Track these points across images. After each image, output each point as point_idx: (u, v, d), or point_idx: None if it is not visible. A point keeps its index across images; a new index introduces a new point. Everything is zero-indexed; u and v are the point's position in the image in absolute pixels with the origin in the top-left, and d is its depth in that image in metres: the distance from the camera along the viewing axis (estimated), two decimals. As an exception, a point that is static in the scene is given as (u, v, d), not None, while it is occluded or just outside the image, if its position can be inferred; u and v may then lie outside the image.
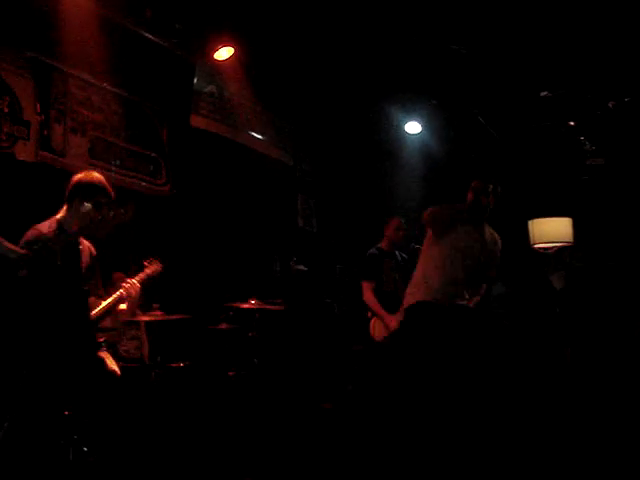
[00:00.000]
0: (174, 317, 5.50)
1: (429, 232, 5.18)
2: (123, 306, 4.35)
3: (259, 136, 8.06)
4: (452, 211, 5.08)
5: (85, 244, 4.24)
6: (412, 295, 5.12)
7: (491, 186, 4.99)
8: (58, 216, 4.03)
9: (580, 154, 7.55)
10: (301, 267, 7.58)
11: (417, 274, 5.23)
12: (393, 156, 8.46)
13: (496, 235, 5.26)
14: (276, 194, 8.13)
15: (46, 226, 3.99)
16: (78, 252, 4.15)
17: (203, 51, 6.85)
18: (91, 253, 4.28)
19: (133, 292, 4.29)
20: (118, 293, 4.26)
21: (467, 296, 5.00)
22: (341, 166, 8.56)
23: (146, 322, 5.56)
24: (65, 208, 4.07)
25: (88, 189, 4.07)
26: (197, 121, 7.40)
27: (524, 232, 6.99)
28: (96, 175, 4.16)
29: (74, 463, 3.60)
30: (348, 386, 6.35)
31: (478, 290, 5.17)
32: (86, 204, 3.99)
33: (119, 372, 4.08)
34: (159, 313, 5.40)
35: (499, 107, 7.72)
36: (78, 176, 4.14)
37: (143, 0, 6.19)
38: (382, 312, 6.66)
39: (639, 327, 5.80)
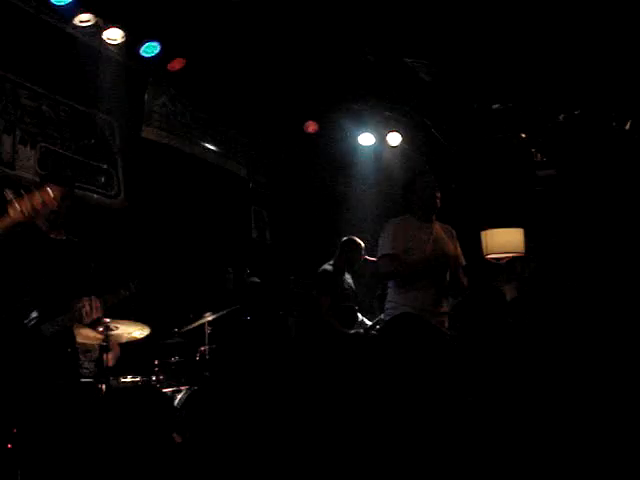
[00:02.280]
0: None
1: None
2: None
3: (213, 147, 8.00)
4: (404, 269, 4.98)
5: None
6: (393, 308, 5.06)
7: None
8: None
9: (531, 165, 7.64)
10: (255, 279, 7.54)
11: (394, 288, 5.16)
12: (347, 168, 8.47)
13: (444, 226, 5.21)
14: (230, 206, 8.07)
15: None
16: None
17: (156, 62, 6.79)
18: None
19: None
20: None
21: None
22: (295, 178, 8.54)
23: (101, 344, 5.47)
24: None
25: None
26: (149, 132, 7.33)
27: (477, 243, 7.05)
28: None
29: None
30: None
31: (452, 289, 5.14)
32: None
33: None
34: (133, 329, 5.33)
35: (452, 119, 7.77)
36: None
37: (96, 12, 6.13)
38: (339, 328, 6.68)
39: (589, 336, 5.87)
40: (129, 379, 5.67)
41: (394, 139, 7.95)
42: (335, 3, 6.21)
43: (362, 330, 6.80)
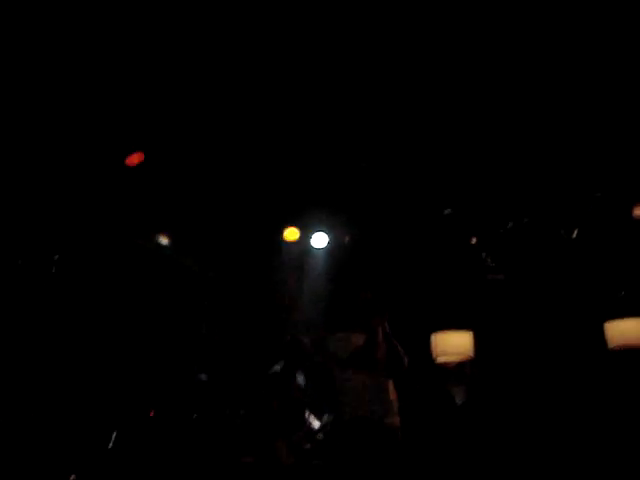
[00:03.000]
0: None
1: None
2: None
3: (165, 242, 7.98)
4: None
5: None
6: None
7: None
8: None
9: (481, 270, 7.75)
10: (202, 376, 7.43)
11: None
12: (298, 269, 8.48)
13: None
14: (180, 301, 8.02)
15: None
16: None
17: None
18: None
19: None
20: None
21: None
22: (246, 275, 8.53)
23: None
24: None
25: None
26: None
27: (427, 346, 7.06)
28: None
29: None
30: None
31: None
32: None
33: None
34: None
35: (404, 224, 7.88)
36: None
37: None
38: (286, 431, 6.58)
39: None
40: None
41: (321, 240, 8.08)
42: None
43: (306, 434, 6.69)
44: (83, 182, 6.95)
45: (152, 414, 6.27)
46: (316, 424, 6.82)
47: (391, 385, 5.25)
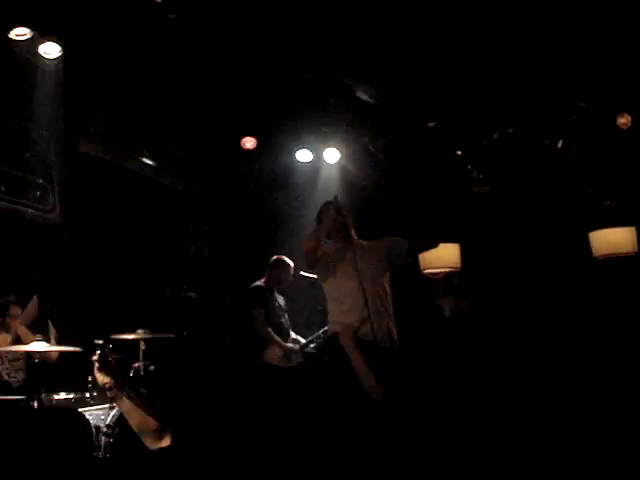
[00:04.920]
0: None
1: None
2: None
3: (150, 162, 7.93)
4: (316, 242, 5.15)
5: None
6: (332, 325, 5.20)
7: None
8: None
9: (467, 182, 7.77)
10: (191, 294, 7.49)
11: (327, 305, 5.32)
12: (285, 184, 8.47)
13: (372, 243, 5.36)
14: (167, 221, 8.01)
15: None
16: None
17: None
18: None
19: None
20: None
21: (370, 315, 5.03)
22: (233, 193, 8.52)
23: (29, 353, 5.36)
24: None
25: None
26: (86, 147, 7.24)
27: (414, 258, 7.12)
28: None
29: None
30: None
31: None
32: None
33: None
34: (43, 344, 5.23)
35: (389, 137, 7.86)
36: None
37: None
38: (275, 338, 6.69)
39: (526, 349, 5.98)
40: (62, 396, 5.58)
41: (332, 156, 8.01)
42: (275, 21, 6.25)
43: (297, 346, 6.82)
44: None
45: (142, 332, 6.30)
46: (301, 339, 6.96)
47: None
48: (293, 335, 7.00)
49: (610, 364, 6.15)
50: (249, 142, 7.81)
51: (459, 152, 7.74)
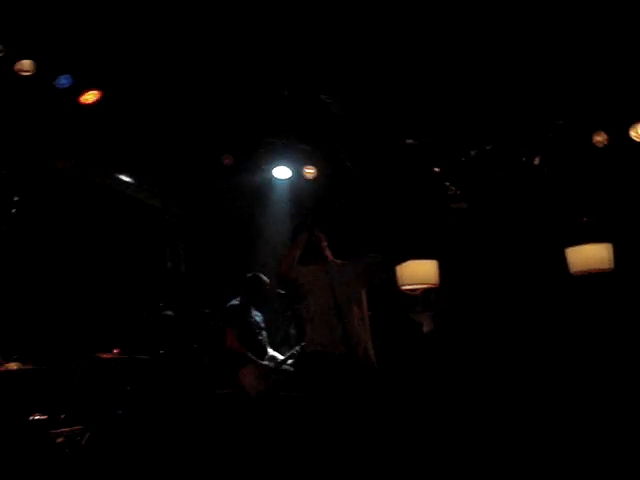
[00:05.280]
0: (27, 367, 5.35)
1: None
2: None
3: (127, 179, 7.89)
4: (290, 262, 5.15)
5: None
6: (308, 344, 5.19)
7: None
8: None
9: (444, 199, 7.77)
10: (168, 312, 7.43)
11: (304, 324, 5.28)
12: (262, 200, 8.45)
13: (349, 261, 5.36)
14: (144, 238, 7.96)
15: None
16: None
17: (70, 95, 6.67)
18: None
19: None
20: None
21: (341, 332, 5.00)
22: (211, 210, 8.48)
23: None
24: None
25: None
26: (62, 164, 7.20)
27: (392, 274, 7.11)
28: None
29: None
30: None
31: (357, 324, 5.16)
32: None
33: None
34: (13, 364, 5.17)
35: (367, 154, 7.85)
36: None
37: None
38: (252, 358, 6.63)
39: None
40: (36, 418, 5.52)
41: (310, 172, 7.99)
42: (253, 40, 6.26)
43: (273, 364, 6.76)
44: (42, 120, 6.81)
45: (117, 351, 6.26)
46: (278, 356, 6.90)
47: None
48: (271, 352, 6.95)
49: (587, 375, 6.19)
50: (227, 159, 7.78)
51: (436, 169, 7.75)
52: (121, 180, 7.83)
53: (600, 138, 7.46)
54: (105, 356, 6.04)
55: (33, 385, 5.71)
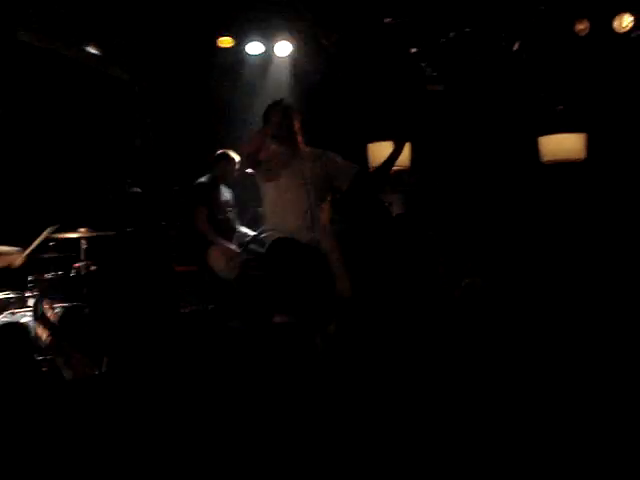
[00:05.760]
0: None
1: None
2: None
3: (94, 51, 7.61)
4: (259, 143, 5.02)
5: None
6: (270, 231, 5.11)
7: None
8: None
9: (421, 80, 7.66)
10: (136, 189, 7.32)
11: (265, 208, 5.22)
12: (234, 76, 8.24)
13: (318, 152, 5.22)
14: (112, 112, 7.76)
15: None
16: None
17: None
18: None
19: None
20: None
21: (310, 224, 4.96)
22: (180, 85, 8.25)
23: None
24: None
25: None
26: (25, 35, 6.92)
27: (363, 155, 7.06)
28: None
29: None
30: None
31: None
32: None
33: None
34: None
35: (344, 31, 7.65)
36: None
37: None
38: (218, 239, 6.56)
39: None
40: (1, 295, 5.49)
41: (283, 49, 7.80)
42: None
43: (240, 243, 6.70)
44: None
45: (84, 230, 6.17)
46: (249, 232, 6.83)
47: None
48: (242, 229, 6.88)
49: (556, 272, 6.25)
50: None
51: (414, 49, 7.60)
52: (88, 52, 7.54)
53: (582, 26, 7.35)
54: (70, 234, 5.95)
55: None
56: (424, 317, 5.11)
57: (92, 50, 7.59)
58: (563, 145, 7.43)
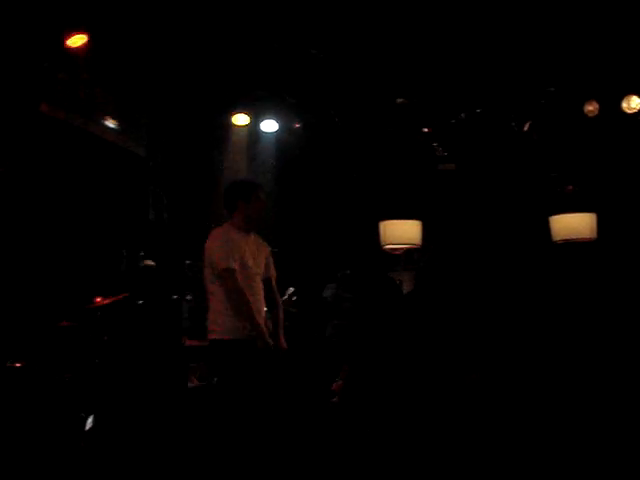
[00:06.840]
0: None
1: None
2: None
3: (112, 125, 7.76)
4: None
5: None
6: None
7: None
8: None
9: (432, 160, 7.75)
10: (149, 262, 7.35)
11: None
12: (246, 153, 8.37)
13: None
14: (127, 186, 7.85)
15: None
16: None
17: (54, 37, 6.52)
18: None
19: None
20: None
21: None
22: (194, 160, 8.38)
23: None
24: None
25: None
26: (46, 108, 7.07)
27: (375, 233, 7.09)
28: None
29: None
30: None
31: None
32: None
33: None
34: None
35: (356, 111, 7.78)
36: None
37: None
38: None
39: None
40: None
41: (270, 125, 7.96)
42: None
43: None
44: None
45: (99, 300, 6.19)
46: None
47: None
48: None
49: (567, 337, 6.23)
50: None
51: (426, 129, 7.70)
52: (105, 126, 7.69)
53: (591, 107, 7.45)
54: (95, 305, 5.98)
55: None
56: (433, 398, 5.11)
57: (109, 124, 7.73)
58: (574, 225, 7.44)
